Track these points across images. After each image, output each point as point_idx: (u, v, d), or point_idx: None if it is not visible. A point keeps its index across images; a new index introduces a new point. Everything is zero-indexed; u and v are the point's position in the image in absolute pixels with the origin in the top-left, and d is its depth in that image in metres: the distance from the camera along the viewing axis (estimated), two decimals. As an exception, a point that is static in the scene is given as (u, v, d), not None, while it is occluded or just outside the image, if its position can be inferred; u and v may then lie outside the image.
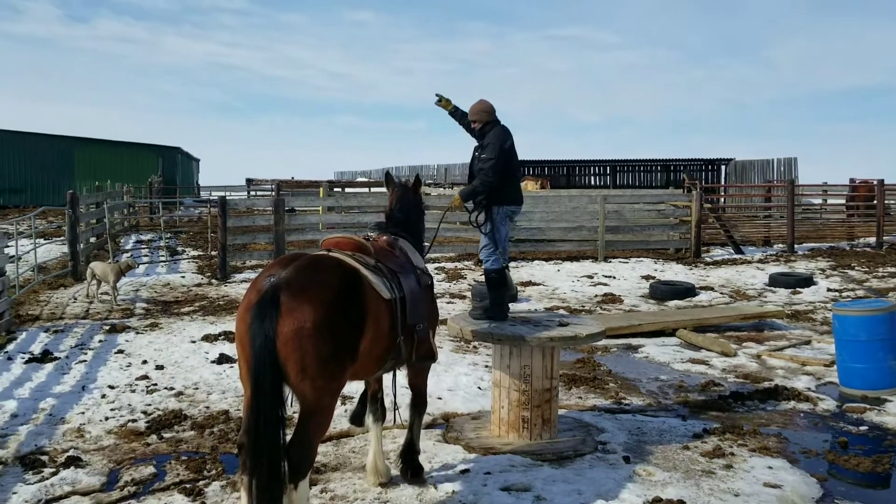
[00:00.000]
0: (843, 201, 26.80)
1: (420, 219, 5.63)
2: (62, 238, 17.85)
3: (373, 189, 31.99)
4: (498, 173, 6.00)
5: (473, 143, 6.43)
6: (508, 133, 6.18)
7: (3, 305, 10.03)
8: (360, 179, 48.21)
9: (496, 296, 6.32)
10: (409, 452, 5.15)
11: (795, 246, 20.09)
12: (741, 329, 10.66)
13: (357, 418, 5.31)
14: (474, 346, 9.28)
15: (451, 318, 6.59)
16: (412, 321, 4.63)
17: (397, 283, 4.59)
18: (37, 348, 9.10)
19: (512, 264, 16.93)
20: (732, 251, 19.66)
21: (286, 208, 16.83)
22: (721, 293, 13.79)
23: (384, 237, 5.11)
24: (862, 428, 6.61)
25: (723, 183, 34.78)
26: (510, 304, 6.47)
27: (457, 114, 6.58)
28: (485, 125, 6.22)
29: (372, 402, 5.19)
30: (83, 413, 6.71)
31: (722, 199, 27.87)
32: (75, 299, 12.76)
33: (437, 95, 6.61)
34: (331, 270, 4.12)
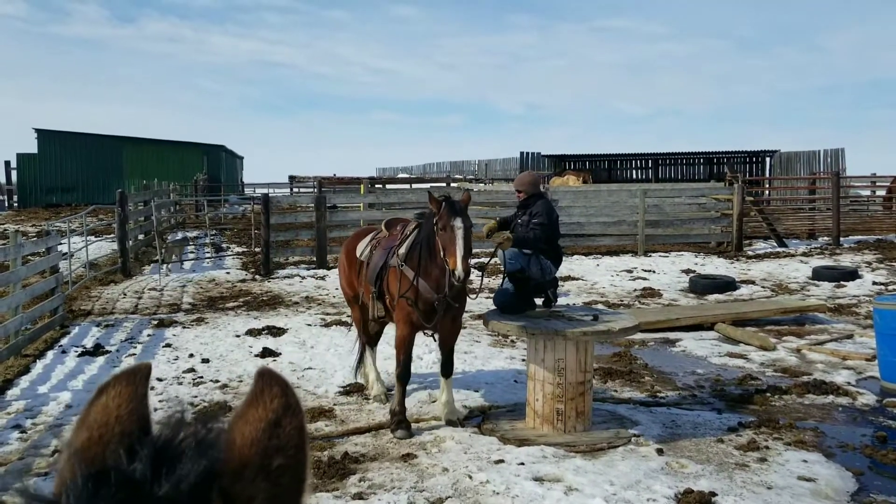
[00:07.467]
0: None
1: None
2: (112, 235, 18.37)
3: (413, 186, 32.15)
4: (545, 239, 6.57)
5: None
6: (553, 206, 6.93)
7: (57, 301, 10.43)
8: (401, 175, 48.45)
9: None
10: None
11: (841, 239, 19.72)
12: (782, 323, 10.56)
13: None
14: (512, 341, 9.38)
15: (487, 313, 6.71)
16: (368, 280, 6.60)
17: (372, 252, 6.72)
18: (89, 342, 9.46)
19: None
20: (775, 244, 19.40)
21: (328, 205, 17.09)
22: (762, 287, 13.65)
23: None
24: (902, 423, 6.55)
25: (768, 175, 34.18)
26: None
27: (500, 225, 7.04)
28: (530, 196, 6.81)
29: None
30: (133, 404, 6.97)
31: (766, 192, 27.42)
32: (125, 295, 13.17)
33: (486, 232, 6.99)
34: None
